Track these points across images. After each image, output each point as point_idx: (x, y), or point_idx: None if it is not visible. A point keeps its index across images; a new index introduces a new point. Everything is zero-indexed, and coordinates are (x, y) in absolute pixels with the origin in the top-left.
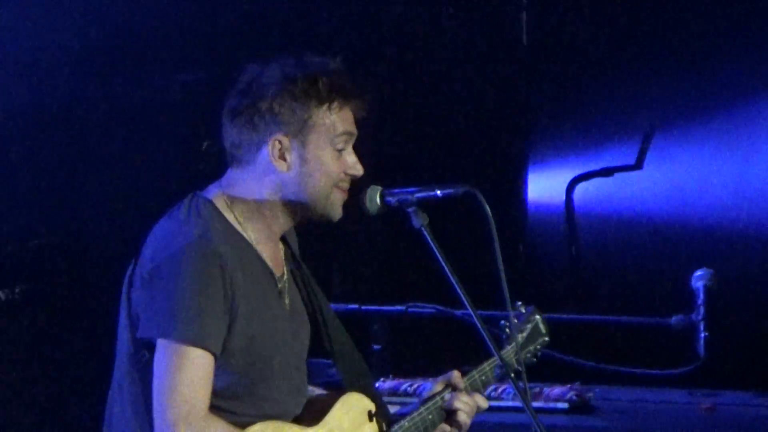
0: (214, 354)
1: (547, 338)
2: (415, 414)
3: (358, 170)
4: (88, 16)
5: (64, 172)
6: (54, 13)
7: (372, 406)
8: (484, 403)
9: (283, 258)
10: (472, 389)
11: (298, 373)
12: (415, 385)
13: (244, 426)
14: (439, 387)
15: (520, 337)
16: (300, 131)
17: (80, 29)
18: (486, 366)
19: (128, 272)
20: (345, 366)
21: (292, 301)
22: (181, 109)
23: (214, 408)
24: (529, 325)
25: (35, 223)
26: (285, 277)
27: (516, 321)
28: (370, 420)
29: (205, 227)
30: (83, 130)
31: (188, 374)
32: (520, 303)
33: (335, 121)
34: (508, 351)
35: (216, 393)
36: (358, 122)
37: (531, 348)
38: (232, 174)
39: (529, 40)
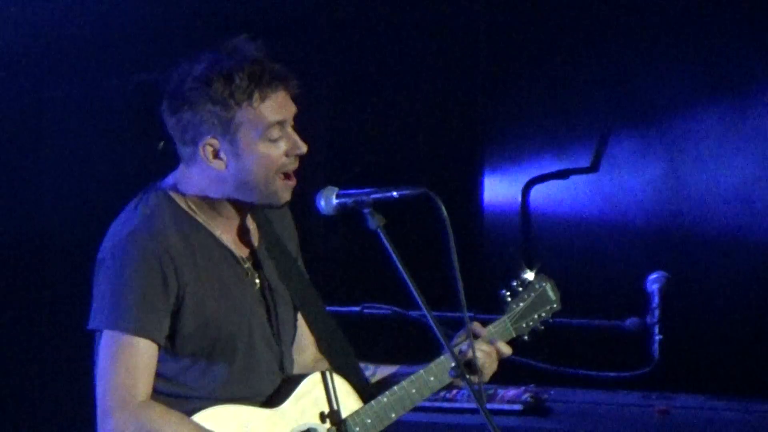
0: (154, 341)
1: (555, 305)
2: (397, 389)
3: (301, 148)
4: (46, 15)
5: (20, 171)
6: (9, 12)
7: (345, 385)
8: (507, 350)
9: (254, 238)
10: (499, 337)
11: (270, 352)
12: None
13: (199, 411)
14: (459, 340)
15: (521, 305)
16: (227, 131)
17: (37, 29)
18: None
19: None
20: (326, 345)
21: (264, 281)
22: (136, 109)
23: (169, 395)
24: (534, 293)
25: None
26: (252, 257)
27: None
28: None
29: (149, 216)
30: (41, 129)
31: (125, 362)
32: (529, 271)
33: (261, 114)
34: (503, 321)
35: (170, 378)
36: (295, 98)
37: (535, 316)
38: (182, 168)
39: (485, 43)
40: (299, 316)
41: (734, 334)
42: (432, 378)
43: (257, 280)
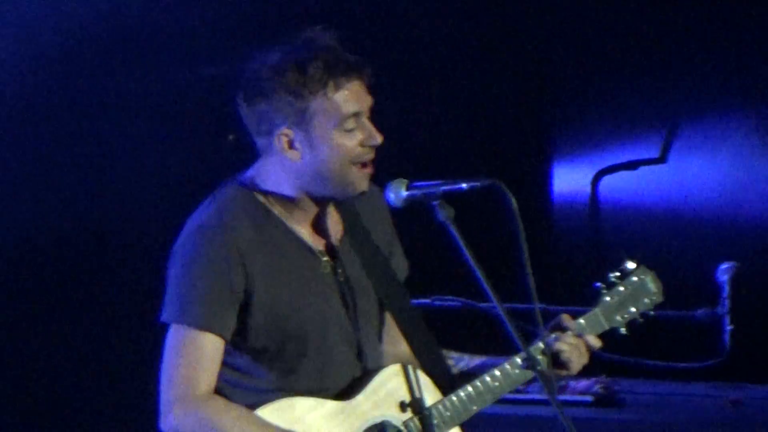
0: (220, 336)
1: (655, 297)
2: (479, 382)
3: (376, 139)
4: (116, 8)
5: (90, 164)
6: (77, 6)
7: (423, 377)
8: (596, 343)
9: (336, 230)
10: (590, 329)
11: (349, 345)
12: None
13: (265, 403)
14: (547, 333)
15: (615, 298)
16: (302, 121)
17: (108, 21)
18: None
19: None
20: (410, 337)
21: (345, 274)
22: (207, 102)
23: (238, 386)
24: (631, 286)
25: (59, 217)
26: (334, 250)
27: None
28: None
29: (220, 210)
30: (109, 123)
31: (187, 356)
32: (629, 262)
33: (336, 105)
34: (594, 314)
35: (239, 370)
36: (370, 89)
37: (632, 309)
38: (260, 161)
39: (554, 33)
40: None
41: None
42: (517, 371)
43: (336, 273)
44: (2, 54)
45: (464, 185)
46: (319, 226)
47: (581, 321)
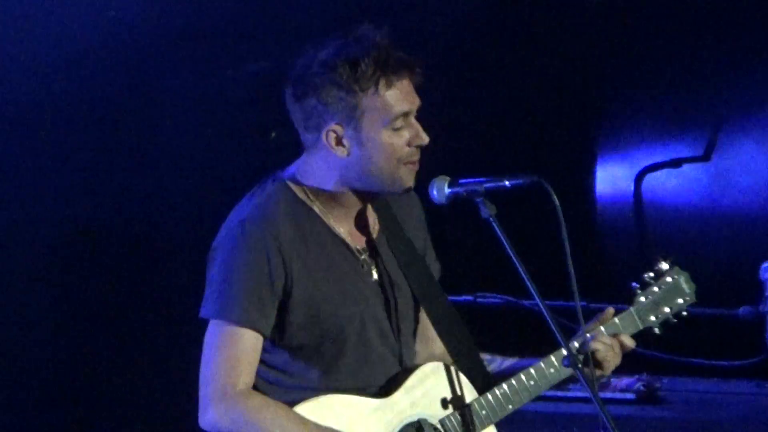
0: (259, 332)
1: (689, 298)
2: (515, 381)
3: (423, 139)
4: (159, 6)
5: (135, 162)
6: (122, 4)
7: (460, 376)
8: (630, 343)
9: (373, 229)
10: (625, 329)
11: (387, 343)
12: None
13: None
14: (583, 333)
15: (649, 298)
16: (352, 118)
17: (151, 19)
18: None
19: None
20: (446, 335)
21: (384, 272)
22: (250, 99)
23: (276, 383)
24: (665, 286)
25: (105, 217)
26: (373, 248)
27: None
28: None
29: (261, 205)
30: (157, 121)
31: (227, 352)
32: (663, 262)
33: (387, 103)
34: (629, 313)
35: (277, 367)
36: (418, 89)
37: (666, 309)
38: (305, 157)
39: (598, 31)
40: (421, 308)
41: None
42: (552, 370)
43: (374, 272)
44: (50, 54)
45: (508, 182)
46: (358, 225)
47: (616, 320)
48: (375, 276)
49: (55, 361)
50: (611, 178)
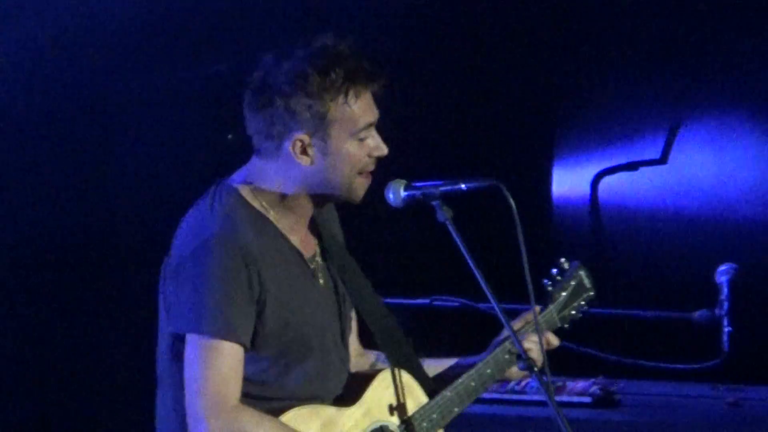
0: (243, 345)
1: (592, 293)
2: (458, 383)
3: (383, 150)
4: (111, 6)
5: (88, 165)
6: (76, 3)
7: (411, 381)
8: (555, 341)
9: (315, 238)
10: (548, 327)
11: (339, 351)
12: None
13: (278, 412)
14: (518, 325)
15: (563, 294)
16: (319, 127)
17: (104, 21)
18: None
19: (163, 264)
20: (386, 341)
21: (329, 280)
22: (205, 101)
23: (248, 396)
24: (573, 282)
25: (61, 218)
26: (317, 257)
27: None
28: (408, 396)
29: (228, 217)
30: (108, 122)
31: (217, 367)
32: (563, 259)
33: (355, 113)
34: (549, 311)
35: (250, 380)
36: (378, 100)
37: (575, 304)
38: (257, 163)
39: (554, 34)
40: (353, 313)
41: None
42: (489, 371)
43: (322, 279)
44: (4, 56)
45: (464, 185)
46: (306, 233)
47: (540, 319)
48: (325, 284)
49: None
50: (568, 180)
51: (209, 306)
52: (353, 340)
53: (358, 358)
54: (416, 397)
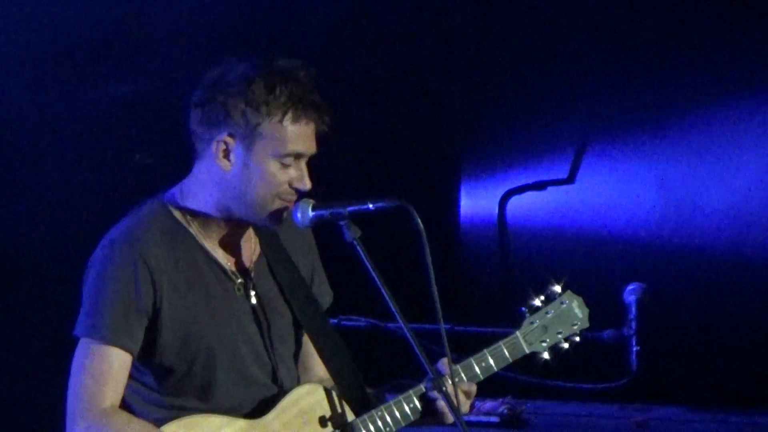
0: (127, 351)
1: (581, 323)
2: (375, 413)
3: (305, 185)
4: (22, 23)
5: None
6: None
7: (339, 399)
8: (471, 389)
9: (254, 253)
10: (513, 355)
11: (261, 365)
12: None
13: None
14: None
15: (537, 323)
16: (247, 136)
17: (14, 36)
18: (488, 353)
19: None
20: (330, 363)
21: (259, 296)
22: (113, 121)
23: (148, 402)
24: (553, 311)
25: None
26: (251, 272)
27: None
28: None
29: (133, 225)
30: (18, 140)
31: (93, 370)
32: (557, 286)
33: (286, 136)
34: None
35: (149, 387)
36: (319, 138)
37: (556, 334)
38: (191, 176)
39: (461, 54)
40: (304, 334)
41: (712, 345)
42: (411, 406)
43: (248, 295)
44: None
45: (371, 206)
46: (234, 247)
47: (502, 344)
48: (249, 299)
49: None
50: (475, 200)
51: (95, 311)
52: (313, 365)
53: (322, 383)
54: (342, 414)
